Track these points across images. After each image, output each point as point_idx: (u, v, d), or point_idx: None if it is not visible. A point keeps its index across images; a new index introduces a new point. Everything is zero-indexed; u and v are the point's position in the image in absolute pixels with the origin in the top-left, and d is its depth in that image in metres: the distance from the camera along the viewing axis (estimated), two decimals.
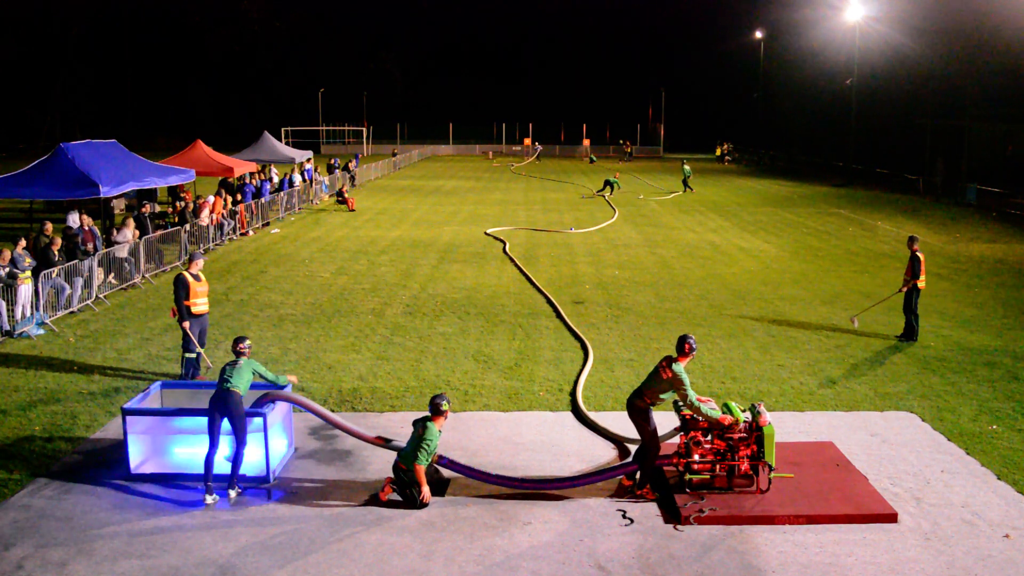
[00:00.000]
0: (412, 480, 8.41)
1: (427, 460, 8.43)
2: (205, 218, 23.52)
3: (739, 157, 75.00)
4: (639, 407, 8.66)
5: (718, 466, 8.60)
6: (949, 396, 11.86)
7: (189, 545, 7.69)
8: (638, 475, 8.79)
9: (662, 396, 8.66)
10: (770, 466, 8.54)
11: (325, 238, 26.43)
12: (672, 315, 16.57)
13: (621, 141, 79.14)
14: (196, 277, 12.03)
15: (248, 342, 9.19)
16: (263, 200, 29.23)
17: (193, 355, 12.00)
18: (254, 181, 31.38)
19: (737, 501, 8.42)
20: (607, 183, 41.90)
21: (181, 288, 11.88)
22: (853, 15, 51.62)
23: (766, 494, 8.52)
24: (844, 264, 22.78)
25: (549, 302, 17.47)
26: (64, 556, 7.49)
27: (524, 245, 25.25)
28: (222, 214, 25.04)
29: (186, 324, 11.86)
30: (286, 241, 25.78)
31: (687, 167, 45.11)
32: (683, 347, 8.66)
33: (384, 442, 9.19)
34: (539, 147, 73.25)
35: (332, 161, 47.54)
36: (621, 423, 10.32)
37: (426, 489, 8.40)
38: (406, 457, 8.47)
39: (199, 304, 12.00)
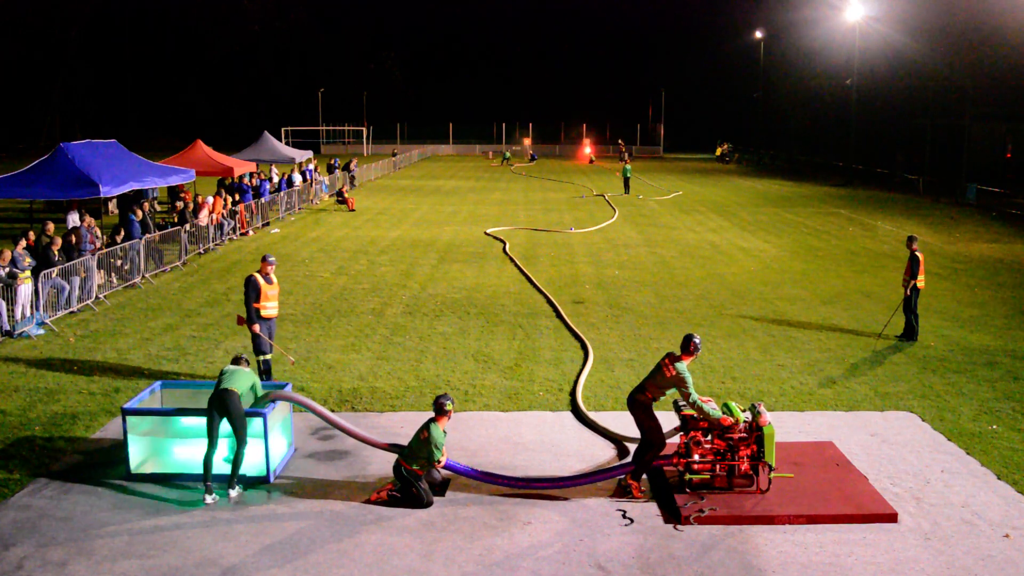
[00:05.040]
0: (414, 478, 8.43)
1: (440, 456, 8.48)
2: (204, 218, 23.52)
3: (739, 157, 74.98)
4: (640, 401, 8.67)
5: (718, 466, 8.60)
6: (949, 396, 11.86)
7: (189, 545, 7.69)
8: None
9: (666, 392, 8.68)
10: (770, 466, 8.54)
11: (325, 238, 26.43)
12: (672, 315, 16.57)
13: (619, 141, 79.10)
14: (267, 279, 11.59)
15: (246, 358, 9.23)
16: (263, 200, 29.24)
17: (268, 356, 11.56)
18: (253, 181, 31.36)
19: (737, 501, 8.42)
20: (625, 179, 42.22)
21: (252, 290, 11.40)
22: (853, 15, 51.63)
23: (766, 494, 8.52)
24: (844, 264, 22.78)
25: (549, 302, 17.46)
26: (64, 556, 7.49)
27: (524, 245, 25.25)
28: (222, 214, 25.04)
29: (255, 327, 11.35)
30: (286, 241, 25.78)
31: (627, 166, 44.98)
32: (688, 346, 8.66)
33: (387, 447, 9.16)
34: (533, 154, 73.29)
35: (332, 161, 47.56)
36: (621, 423, 10.32)
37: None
38: (407, 457, 8.49)
39: (269, 308, 11.58)
